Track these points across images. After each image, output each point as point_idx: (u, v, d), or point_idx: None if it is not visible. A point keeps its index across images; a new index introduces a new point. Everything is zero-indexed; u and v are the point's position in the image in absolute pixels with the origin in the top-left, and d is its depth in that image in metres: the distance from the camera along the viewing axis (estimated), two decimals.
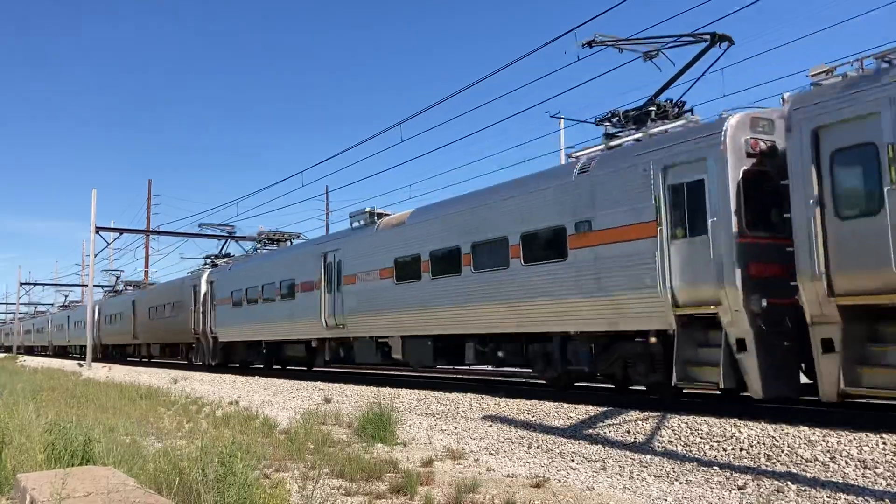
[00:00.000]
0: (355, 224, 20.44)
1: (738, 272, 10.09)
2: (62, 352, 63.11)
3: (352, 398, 15.70)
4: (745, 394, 10.58)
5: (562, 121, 28.49)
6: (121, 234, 41.11)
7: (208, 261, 34.08)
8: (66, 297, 75.55)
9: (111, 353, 47.99)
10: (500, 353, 15.23)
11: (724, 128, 10.53)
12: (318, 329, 21.22)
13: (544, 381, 14.88)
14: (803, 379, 10.43)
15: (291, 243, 28.90)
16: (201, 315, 30.04)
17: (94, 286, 51.88)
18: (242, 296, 26.53)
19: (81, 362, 38.52)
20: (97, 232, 37.45)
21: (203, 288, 30.20)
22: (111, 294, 50.60)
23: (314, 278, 21.56)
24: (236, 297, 27.08)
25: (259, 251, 30.46)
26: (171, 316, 33.89)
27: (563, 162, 23.75)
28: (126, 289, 48.60)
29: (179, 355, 34.67)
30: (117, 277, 52.52)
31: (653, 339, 11.52)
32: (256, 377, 23.36)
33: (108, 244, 43.96)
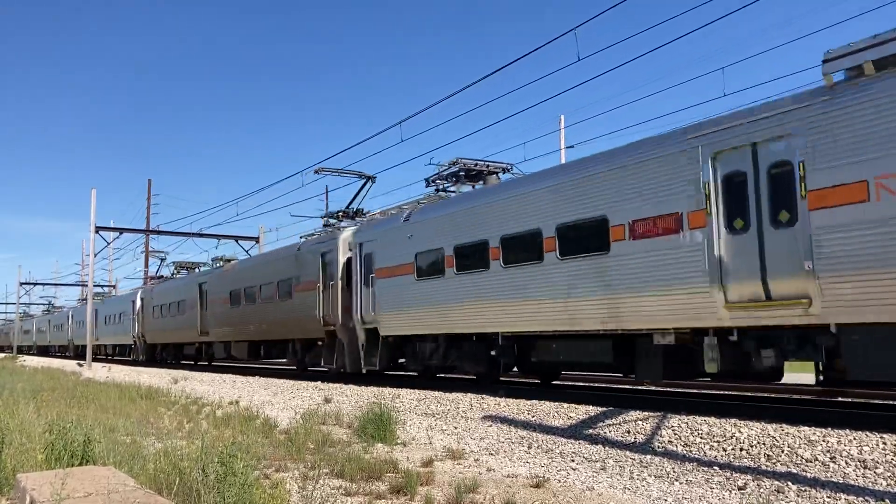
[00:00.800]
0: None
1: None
2: (83, 353, 61.20)
3: (352, 398, 15.70)
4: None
5: (562, 119, 28.55)
6: (120, 233, 41.09)
7: (334, 219, 23.40)
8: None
9: (161, 357, 38.46)
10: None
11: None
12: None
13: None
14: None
15: (499, 178, 18.14)
16: (339, 296, 20.06)
17: (94, 286, 52.15)
18: (438, 259, 16.15)
19: (82, 362, 38.52)
20: (97, 231, 37.45)
21: (341, 254, 20.19)
22: (155, 281, 43.08)
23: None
24: (425, 262, 16.67)
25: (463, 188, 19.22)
26: (274, 301, 23.93)
27: (563, 160, 23.75)
28: (177, 272, 39.40)
29: (291, 357, 24.13)
30: (162, 260, 46.90)
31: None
32: (257, 377, 23.36)
33: (108, 244, 44.00)
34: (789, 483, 7.09)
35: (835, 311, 8.94)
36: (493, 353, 15.21)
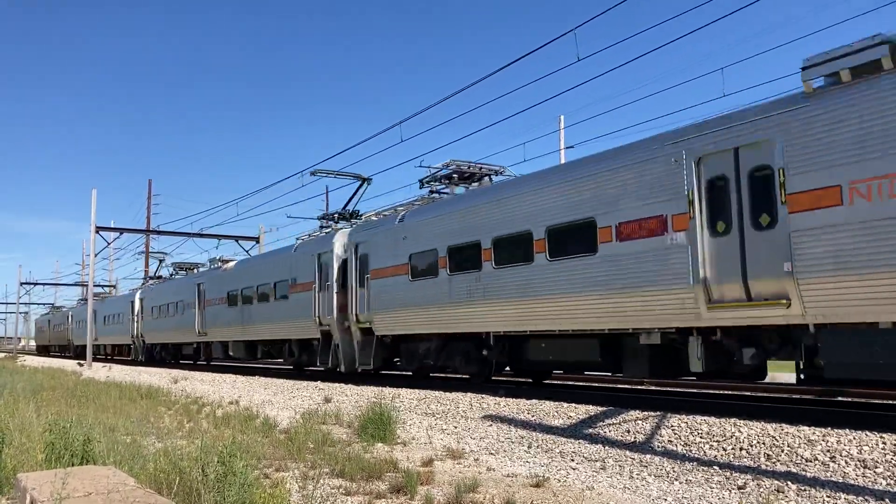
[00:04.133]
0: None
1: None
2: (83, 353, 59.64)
3: (352, 398, 15.71)
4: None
5: (562, 119, 28.57)
6: (121, 233, 41.17)
7: (330, 221, 23.29)
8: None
9: (159, 356, 38.73)
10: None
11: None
12: None
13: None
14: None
15: (491, 180, 18.05)
16: (334, 296, 20.15)
17: (95, 286, 52.16)
18: (432, 260, 16.40)
19: (82, 362, 38.54)
20: (97, 232, 37.47)
21: (336, 255, 20.30)
22: (154, 281, 42.75)
23: None
24: (422, 262, 16.76)
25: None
26: (270, 301, 24.23)
27: (563, 160, 23.77)
28: (175, 273, 38.96)
29: (287, 356, 24.24)
30: (161, 261, 44.64)
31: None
32: (257, 377, 23.37)
33: (108, 244, 44.02)
34: (789, 482, 7.10)
35: (813, 312, 9.24)
36: (484, 352, 15.50)
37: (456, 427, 11.54)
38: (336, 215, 23.32)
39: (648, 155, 11.30)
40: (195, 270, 36.53)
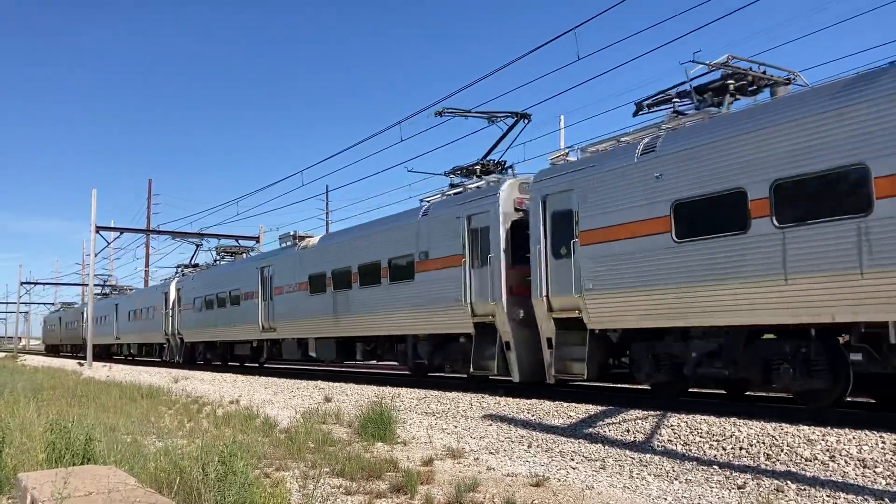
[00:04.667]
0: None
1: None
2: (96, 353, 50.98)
3: (352, 397, 15.72)
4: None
5: (562, 118, 28.60)
6: (121, 233, 41.18)
7: (462, 178, 17.85)
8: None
9: (202, 357, 32.57)
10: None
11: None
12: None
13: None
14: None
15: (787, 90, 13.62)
16: (502, 273, 15.25)
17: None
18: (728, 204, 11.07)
19: (82, 361, 38.56)
20: (97, 231, 37.48)
21: (504, 216, 15.24)
22: (192, 269, 35.82)
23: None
24: (692, 214, 11.49)
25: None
26: (380, 285, 19.07)
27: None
28: (219, 258, 32.96)
29: (404, 358, 19.01)
30: (198, 246, 38.50)
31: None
32: (257, 376, 23.38)
33: (109, 244, 44.04)
34: (789, 482, 7.11)
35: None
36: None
37: (456, 426, 11.55)
38: (478, 167, 17.25)
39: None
40: (246, 255, 31.32)
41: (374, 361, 22.07)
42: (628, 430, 9.90)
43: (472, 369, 15.51)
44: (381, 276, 18.44)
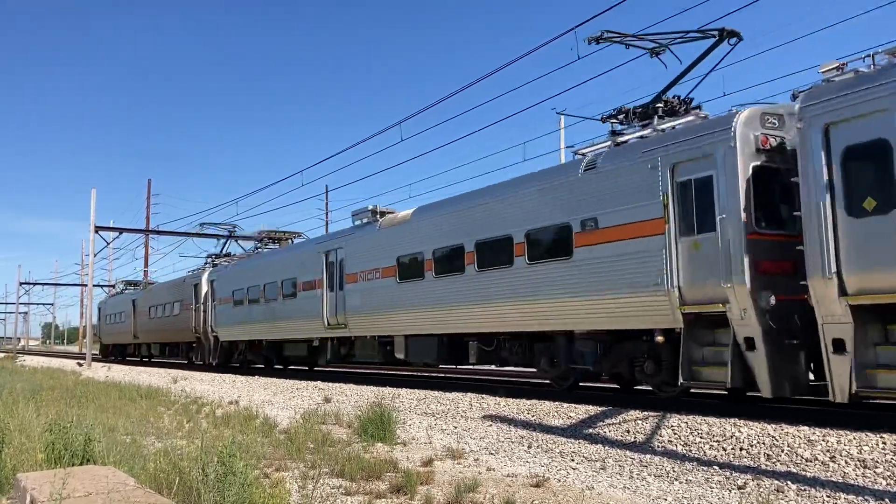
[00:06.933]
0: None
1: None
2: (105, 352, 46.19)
3: (352, 398, 15.71)
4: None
5: (562, 119, 28.47)
6: (120, 233, 41.14)
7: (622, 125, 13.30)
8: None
9: (243, 358, 28.45)
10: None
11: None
12: None
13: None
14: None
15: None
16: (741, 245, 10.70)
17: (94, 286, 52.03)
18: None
19: (81, 361, 38.53)
20: (97, 231, 37.46)
21: (740, 162, 10.24)
22: (226, 259, 32.13)
23: None
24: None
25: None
26: (510, 268, 14.63)
27: (563, 160, 23.77)
28: (261, 246, 29.80)
29: (547, 364, 14.37)
30: (231, 233, 34.85)
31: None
32: (257, 376, 23.36)
33: (108, 244, 43.98)
34: (789, 482, 7.10)
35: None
36: None
37: (456, 427, 11.54)
38: (660, 106, 12.85)
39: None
40: (291, 241, 28.31)
41: (492, 367, 18.22)
42: (628, 431, 9.89)
43: (681, 379, 10.84)
44: (513, 254, 14.16)
